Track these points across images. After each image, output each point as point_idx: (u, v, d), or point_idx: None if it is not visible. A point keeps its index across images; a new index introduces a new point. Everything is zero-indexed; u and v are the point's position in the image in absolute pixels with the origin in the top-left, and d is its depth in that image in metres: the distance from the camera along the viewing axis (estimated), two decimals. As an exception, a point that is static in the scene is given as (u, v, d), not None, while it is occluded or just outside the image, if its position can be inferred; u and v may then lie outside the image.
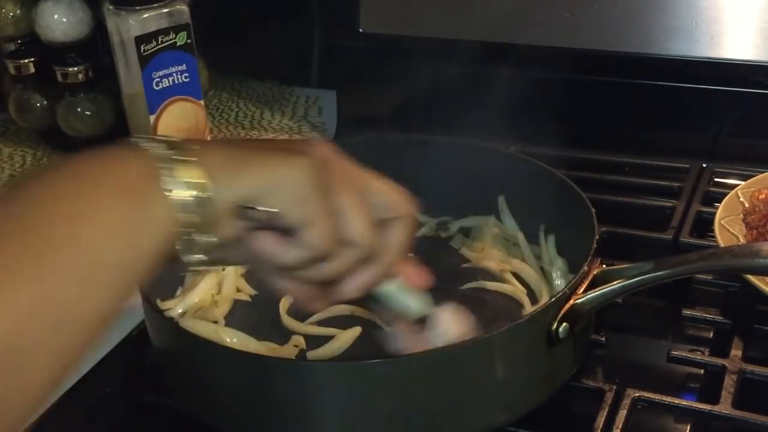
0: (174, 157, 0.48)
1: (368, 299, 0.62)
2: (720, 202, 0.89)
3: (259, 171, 0.51)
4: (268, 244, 0.54)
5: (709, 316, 0.79)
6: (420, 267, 0.63)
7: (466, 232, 0.90)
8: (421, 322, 0.65)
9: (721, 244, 0.82)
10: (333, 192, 0.54)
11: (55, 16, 1.12)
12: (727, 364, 0.72)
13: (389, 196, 0.59)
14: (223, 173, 0.50)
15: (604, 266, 0.71)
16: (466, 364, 0.64)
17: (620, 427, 0.67)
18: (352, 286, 0.59)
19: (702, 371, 0.74)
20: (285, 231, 0.54)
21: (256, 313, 0.82)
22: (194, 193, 0.48)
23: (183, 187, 0.48)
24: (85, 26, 1.13)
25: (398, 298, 0.63)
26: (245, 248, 0.54)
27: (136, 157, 0.48)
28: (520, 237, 0.86)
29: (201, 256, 0.51)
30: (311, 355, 0.74)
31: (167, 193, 0.47)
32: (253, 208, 0.52)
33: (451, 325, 0.65)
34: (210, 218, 0.49)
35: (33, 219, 0.44)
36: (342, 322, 0.78)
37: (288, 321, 0.78)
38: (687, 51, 1.01)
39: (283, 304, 0.80)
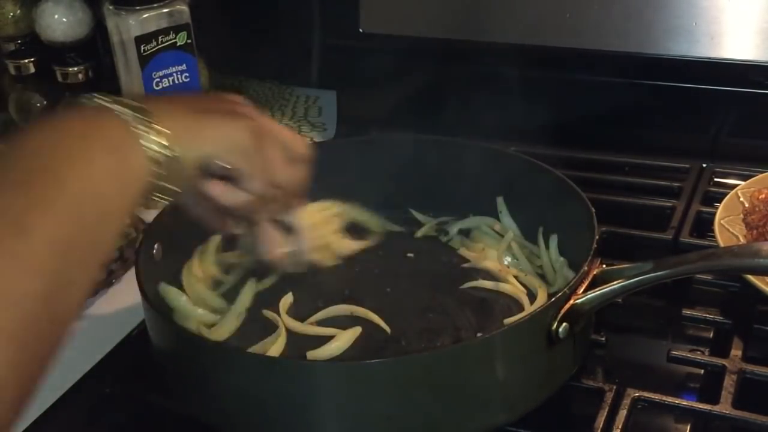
0: (145, 122, 0.59)
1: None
2: (720, 202, 0.89)
3: (214, 134, 0.65)
4: (218, 189, 0.68)
5: (709, 316, 0.79)
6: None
7: (466, 233, 0.90)
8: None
9: (721, 244, 0.82)
10: (265, 146, 0.68)
11: (55, 16, 1.12)
12: (727, 364, 0.72)
13: (290, 140, 0.72)
14: (185, 136, 0.61)
15: (604, 266, 0.71)
16: (466, 364, 0.64)
17: (620, 427, 0.67)
18: (264, 215, 0.75)
19: (702, 371, 0.74)
20: (226, 178, 0.67)
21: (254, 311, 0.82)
22: (165, 152, 0.59)
23: (155, 148, 0.59)
24: (85, 26, 1.13)
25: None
26: (194, 189, 0.68)
27: (115, 119, 0.58)
28: (509, 236, 0.86)
29: (164, 197, 0.62)
30: (311, 355, 0.74)
31: (144, 151, 0.58)
32: (209, 163, 0.65)
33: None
34: (176, 172, 0.60)
35: (39, 162, 0.52)
36: (342, 322, 0.78)
37: (288, 321, 0.78)
38: (687, 51, 1.01)
39: (283, 305, 0.80)
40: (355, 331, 0.76)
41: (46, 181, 0.51)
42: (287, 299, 0.81)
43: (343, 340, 0.75)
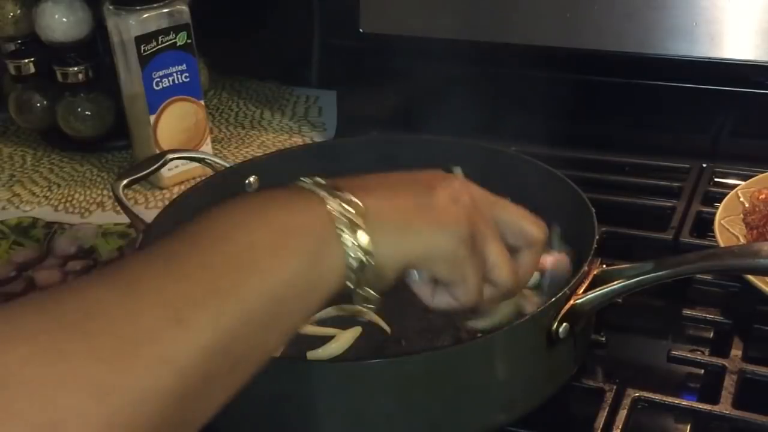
0: (348, 217, 0.53)
1: None
2: (720, 202, 0.89)
3: (417, 241, 0.57)
4: (423, 292, 0.62)
5: (709, 316, 0.79)
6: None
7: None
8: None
9: (721, 244, 0.82)
10: (481, 247, 0.59)
11: (55, 16, 1.12)
12: (727, 364, 0.72)
13: (523, 226, 0.63)
14: (387, 241, 0.55)
15: (604, 266, 0.71)
16: (466, 364, 0.64)
17: (620, 427, 0.67)
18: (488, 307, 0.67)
19: (702, 371, 0.74)
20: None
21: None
22: (362, 258, 0.53)
23: (353, 250, 0.53)
24: (85, 26, 1.13)
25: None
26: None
27: (317, 211, 0.52)
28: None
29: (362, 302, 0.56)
30: (311, 355, 0.74)
31: (338, 254, 0.52)
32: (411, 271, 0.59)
33: (556, 273, 0.73)
34: (372, 278, 0.54)
35: (232, 247, 0.49)
36: (342, 322, 0.78)
37: None
38: (687, 51, 1.01)
39: None
40: (355, 331, 0.76)
41: (230, 274, 0.47)
42: None
43: (343, 340, 0.75)
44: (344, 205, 0.53)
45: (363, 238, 0.53)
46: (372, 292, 0.55)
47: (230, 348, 0.46)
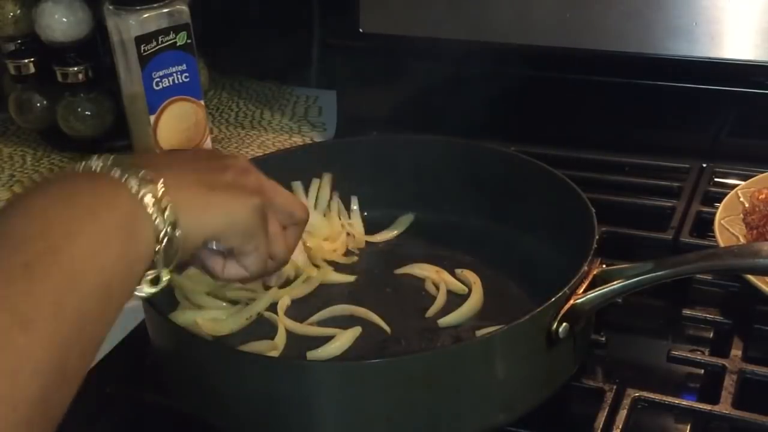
0: (152, 195, 0.54)
1: None
2: (720, 202, 0.89)
3: (218, 213, 0.60)
4: (217, 265, 0.66)
5: (709, 316, 0.79)
6: None
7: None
8: None
9: (721, 244, 0.82)
10: (268, 223, 0.65)
11: (55, 16, 1.12)
12: (727, 364, 0.72)
13: (292, 207, 0.69)
14: (190, 214, 0.57)
15: (604, 266, 0.71)
16: (466, 364, 0.64)
17: (620, 427, 0.67)
18: (272, 282, 0.76)
19: (702, 371, 0.74)
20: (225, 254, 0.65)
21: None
22: (169, 232, 0.55)
23: (161, 226, 0.54)
24: (85, 26, 1.13)
25: None
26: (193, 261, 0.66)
27: (128, 194, 0.54)
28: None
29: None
30: (311, 355, 0.74)
31: (149, 231, 0.54)
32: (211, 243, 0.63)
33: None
34: (177, 252, 0.56)
35: (42, 239, 0.48)
36: (342, 322, 0.78)
37: (286, 321, 0.78)
38: (687, 51, 1.01)
39: (281, 306, 0.80)
40: (355, 331, 0.76)
41: (50, 261, 0.47)
42: (285, 300, 0.81)
43: (343, 340, 0.75)
44: (143, 183, 0.54)
45: (168, 214, 0.54)
46: (169, 265, 0.56)
47: (74, 336, 0.47)
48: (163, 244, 0.54)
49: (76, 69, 1.14)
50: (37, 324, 0.44)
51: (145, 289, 0.57)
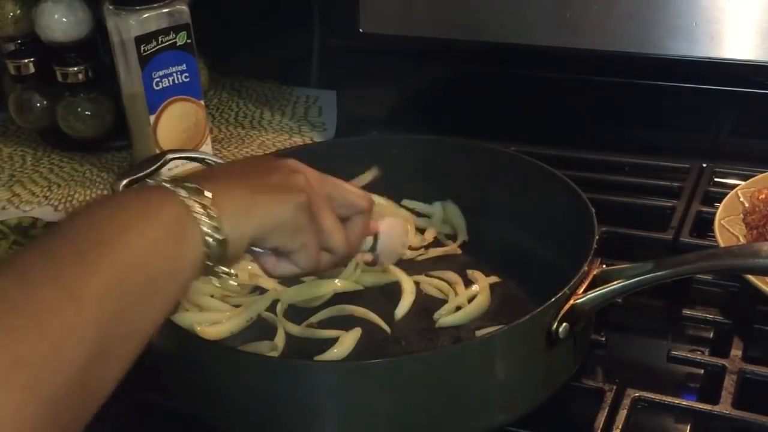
0: (198, 203, 0.58)
1: None
2: (720, 202, 0.89)
3: (262, 214, 0.62)
4: (269, 264, 0.67)
5: (709, 316, 0.79)
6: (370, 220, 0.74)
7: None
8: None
9: (721, 244, 0.82)
10: (317, 217, 0.65)
11: (55, 16, 1.12)
12: (727, 364, 0.72)
13: (350, 197, 0.70)
14: (234, 218, 0.59)
15: (604, 266, 0.71)
16: (466, 363, 0.64)
17: (620, 427, 0.67)
18: (326, 272, 0.77)
19: (702, 371, 0.74)
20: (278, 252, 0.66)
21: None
22: (215, 235, 0.58)
23: (208, 231, 0.58)
24: (85, 26, 1.13)
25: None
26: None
27: (177, 201, 0.57)
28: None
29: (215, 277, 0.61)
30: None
31: (197, 235, 0.57)
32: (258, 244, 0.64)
33: (389, 237, 0.78)
34: (226, 254, 0.59)
35: (95, 234, 0.53)
36: (342, 322, 0.78)
37: (285, 324, 0.78)
38: (687, 51, 1.01)
39: (281, 307, 0.80)
40: (356, 333, 0.76)
41: (101, 251, 0.52)
42: (283, 304, 0.81)
43: (345, 344, 0.75)
44: (191, 193, 0.58)
45: (213, 220, 0.57)
46: (225, 268, 0.60)
47: (118, 320, 0.51)
48: (210, 247, 0.57)
49: (76, 69, 1.14)
50: (84, 302, 0.49)
51: (217, 282, 0.61)
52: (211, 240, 0.57)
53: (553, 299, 0.66)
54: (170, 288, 0.55)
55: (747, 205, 0.88)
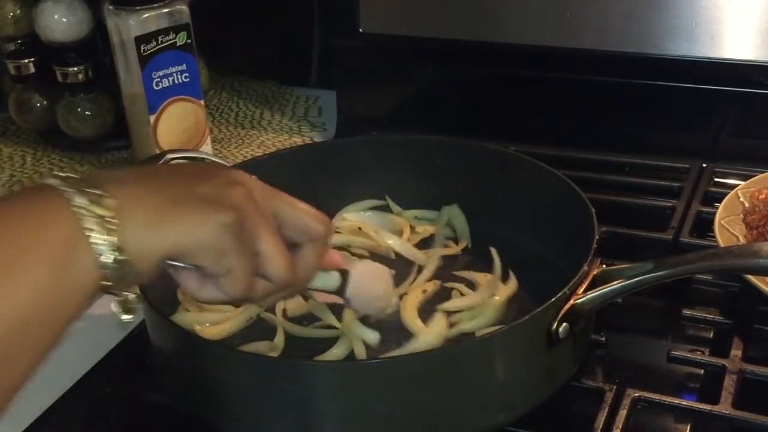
0: (95, 214, 0.49)
1: None
2: (720, 202, 0.89)
3: (177, 231, 0.53)
4: (190, 285, 0.58)
5: (709, 316, 0.79)
6: (331, 250, 0.67)
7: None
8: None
9: (721, 244, 0.82)
10: (252, 238, 0.56)
11: (55, 16, 1.12)
12: (727, 364, 0.72)
13: (304, 221, 0.61)
14: (142, 233, 0.51)
15: (604, 266, 0.71)
16: (466, 364, 0.64)
17: (620, 427, 0.67)
18: (268, 302, 0.66)
19: (702, 371, 0.74)
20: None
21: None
22: (115, 256, 0.50)
23: (104, 249, 0.50)
24: (85, 26, 1.13)
25: (317, 283, 0.67)
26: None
27: (60, 216, 0.49)
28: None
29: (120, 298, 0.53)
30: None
31: (93, 255, 0.49)
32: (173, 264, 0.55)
33: (363, 281, 0.69)
34: (129, 276, 0.51)
35: None
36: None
37: (285, 324, 0.78)
38: (687, 51, 1.01)
39: (279, 307, 0.80)
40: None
41: None
42: (282, 303, 0.80)
43: (344, 345, 0.75)
44: (92, 201, 0.50)
45: (112, 235, 0.49)
46: (129, 292, 0.53)
47: None
48: (108, 268, 0.50)
49: (76, 69, 1.14)
50: None
51: (123, 317, 0.54)
52: (107, 261, 0.49)
53: (553, 299, 0.66)
54: (49, 326, 0.48)
55: (747, 205, 0.88)
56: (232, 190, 0.56)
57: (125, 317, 0.54)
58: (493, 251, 0.84)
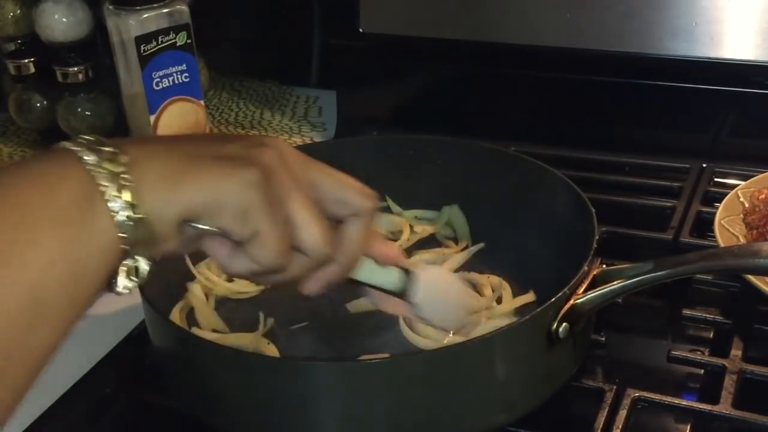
0: (108, 170, 0.46)
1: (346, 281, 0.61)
2: (720, 202, 0.89)
3: (196, 186, 0.49)
4: (219, 254, 0.53)
5: (709, 316, 0.79)
6: (388, 242, 0.63)
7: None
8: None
9: (721, 244, 0.82)
10: (283, 202, 0.52)
11: (55, 16, 1.12)
12: (727, 364, 0.72)
13: (345, 192, 0.56)
14: (158, 188, 0.48)
15: (604, 266, 0.71)
16: (466, 363, 0.64)
17: (620, 427, 0.67)
18: (311, 286, 0.58)
19: (702, 371, 0.74)
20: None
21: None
22: (127, 213, 0.47)
23: (120, 208, 0.46)
24: (85, 26, 1.13)
25: (372, 278, 0.62)
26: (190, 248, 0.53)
27: (71, 175, 0.46)
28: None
29: (137, 278, 0.50)
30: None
31: (105, 216, 0.46)
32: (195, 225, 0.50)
33: (430, 286, 0.64)
34: (148, 237, 0.48)
35: None
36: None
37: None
38: (687, 51, 1.01)
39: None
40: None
41: None
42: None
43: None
44: (104, 159, 0.46)
45: (126, 191, 0.46)
46: (144, 258, 0.49)
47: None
48: (125, 229, 0.46)
49: (76, 69, 1.14)
50: None
51: (122, 283, 0.49)
52: (123, 219, 0.46)
53: (553, 299, 0.66)
54: (67, 296, 0.45)
55: (747, 205, 0.88)
56: (262, 150, 0.52)
57: (125, 285, 0.49)
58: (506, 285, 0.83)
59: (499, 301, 0.81)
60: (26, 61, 1.18)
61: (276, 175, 0.51)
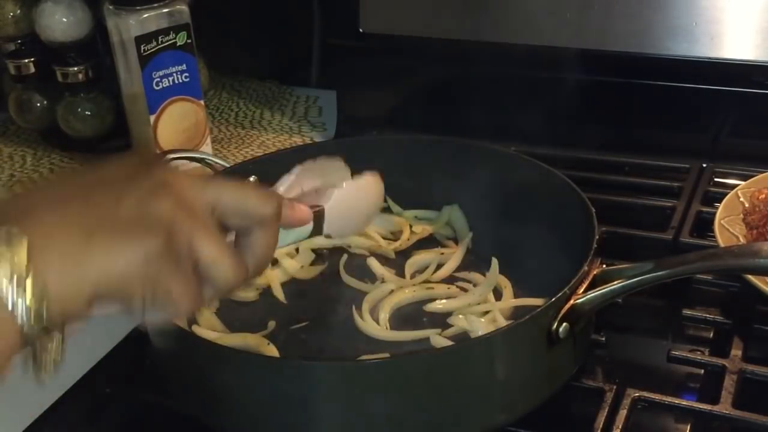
0: (9, 261, 0.44)
1: None
2: (720, 202, 0.89)
3: (100, 269, 0.47)
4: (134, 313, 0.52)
5: (709, 316, 0.79)
6: (294, 205, 0.63)
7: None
8: None
9: (721, 244, 0.82)
10: (188, 251, 0.51)
11: (55, 16, 1.12)
12: (727, 364, 0.72)
13: (246, 204, 0.55)
14: (61, 275, 0.46)
15: (604, 266, 0.71)
16: (466, 363, 0.64)
17: (620, 427, 0.67)
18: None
19: (702, 371, 0.74)
20: None
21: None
22: (35, 307, 0.45)
23: (22, 301, 0.44)
24: (85, 26, 1.13)
25: (288, 240, 0.63)
26: None
27: None
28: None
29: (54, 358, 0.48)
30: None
31: (6, 307, 0.44)
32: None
33: (336, 215, 0.66)
34: (57, 320, 0.46)
35: None
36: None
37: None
38: (687, 51, 1.01)
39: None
40: None
41: None
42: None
43: None
44: (2, 245, 0.44)
45: (29, 284, 0.44)
46: (54, 344, 0.47)
47: None
48: (26, 329, 0.45)
49: (76, 69, 1.14)
50: None
51: (39, 375, 0.48)
52: (29, 315, 0.44)
53: (553, 299, 0.66)
54: None
55: (747, 205, 0.88)
56: (157, 201, 0.50)
57: (42, 375, 0.48)
58: (494, 261, 0.83)
59: (498, 298, 0.81)
60: (26, 61, 1.18)
61: (176, 229, 0.50)
